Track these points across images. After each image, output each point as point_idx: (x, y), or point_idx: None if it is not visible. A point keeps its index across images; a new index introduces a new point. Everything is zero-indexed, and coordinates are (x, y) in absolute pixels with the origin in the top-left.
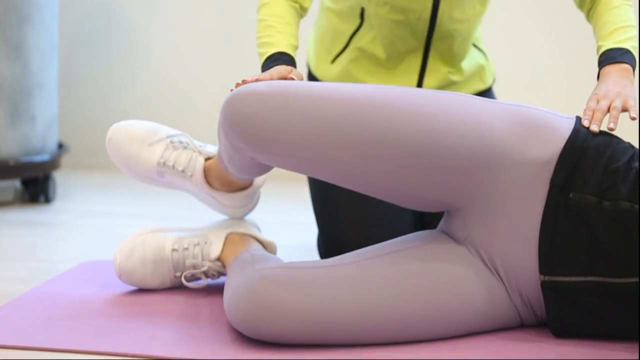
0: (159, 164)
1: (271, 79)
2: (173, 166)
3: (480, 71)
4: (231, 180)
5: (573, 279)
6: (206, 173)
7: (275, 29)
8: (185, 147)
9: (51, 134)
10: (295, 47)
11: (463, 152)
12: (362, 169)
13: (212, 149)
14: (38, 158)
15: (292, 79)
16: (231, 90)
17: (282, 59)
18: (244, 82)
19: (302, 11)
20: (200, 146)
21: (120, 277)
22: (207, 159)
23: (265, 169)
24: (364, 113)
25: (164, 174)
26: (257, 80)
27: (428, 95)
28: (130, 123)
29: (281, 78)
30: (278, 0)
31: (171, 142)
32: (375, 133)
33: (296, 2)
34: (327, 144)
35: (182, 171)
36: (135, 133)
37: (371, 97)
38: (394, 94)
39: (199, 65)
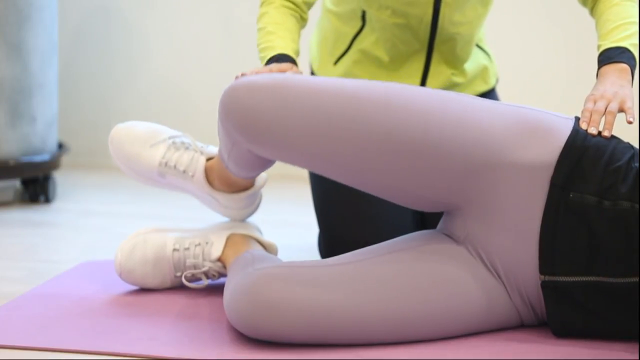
0: (160, 164)
1: (270, 72)
2: (174, 166)
3: (483, 72)
4: (232, 180)
5: (573, 279)
6: (207, 173)
7: (276, 34)
8: (187, 148)
9: (51, 134)
10: (296, 51)
11: (461, 154)
12: (359, 165)
13: (213, 149)
14: (38, 158)
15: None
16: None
17: (282, 59)
18: (243, 75)
19: (302, 21)
20: (202, 147)
21: (120, 275)
22: (208, 159)
23: (264, 164)
24: (362, 108)
25: (165, 175)
26: (256, 73)
27: (429, 94)
28: (133, 124)
29: (281, 70)
30: (278, 9)
31: (173, 142)
32: (372, 128)
33: (296, 12)
34: (323, 137)
35: (184, 171)
36: (138, 133)
37: (370, 92)
38: (394, 91)
39: (199, 64)
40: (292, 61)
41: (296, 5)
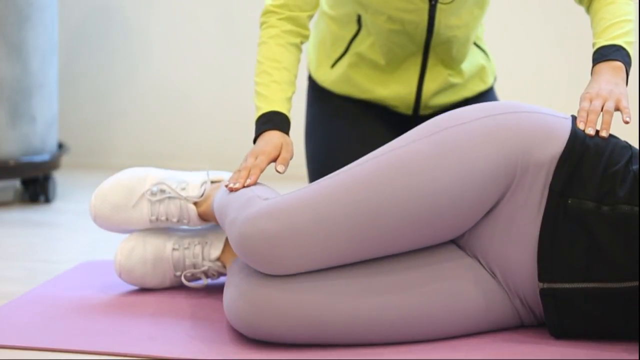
0: (151, 221)
1: (261, 170)
2: (166, 219)
3: (481, 71)
4: None
5: (572, 285)
6: (202, 217)
7: (271, 77)
8: (169, 197)
9: (51, 134)
10: (291, 98)
11: (470, 210)
12: (384, 244)
13: (194, 187)
14: (38, 158)
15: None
16: (226, 186)
17: (273, 120)
18: (235, 188)
19: (303, 38)
20: (182, 190)
21: (120, 275)
22: (195, 203)
23: None
24: (369, 200)
25: (159, 226)
26: (243, 185)
27: (422, 152)
28: (104, 191)
29: (271, 160)
30: (278, 39)
31: (152, 194)
32: (385, 212)
33: (297, 37)
34: (346, 249)
35: (178, 221)
36: (115, 201)
37: (370, 178)
38: (389, 163)
39: (199, 64)
40: (284, 119)
41: (298, 24)
